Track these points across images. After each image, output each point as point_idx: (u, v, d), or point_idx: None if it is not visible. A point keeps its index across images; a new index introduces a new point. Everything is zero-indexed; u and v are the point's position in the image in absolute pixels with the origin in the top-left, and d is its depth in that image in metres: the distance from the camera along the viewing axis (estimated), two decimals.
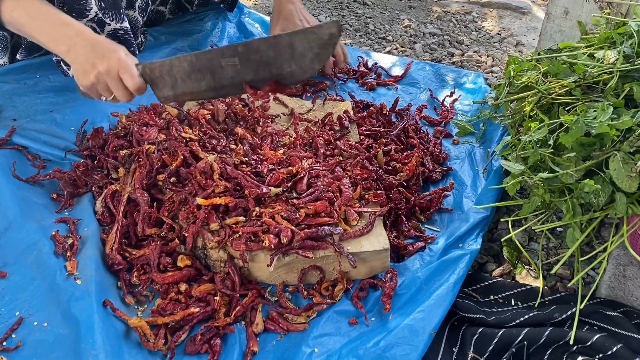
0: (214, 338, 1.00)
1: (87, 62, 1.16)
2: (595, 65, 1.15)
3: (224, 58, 1.12)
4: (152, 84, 1.19)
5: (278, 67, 1.11)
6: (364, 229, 1.10)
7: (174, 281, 1.06)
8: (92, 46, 1.17)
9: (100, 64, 1.15)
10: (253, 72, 1.13)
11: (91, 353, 0.93)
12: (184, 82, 1.17)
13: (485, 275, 1.19)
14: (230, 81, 1.15)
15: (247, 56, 1.11)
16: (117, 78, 1.16)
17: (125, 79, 1.15)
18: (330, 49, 1.06)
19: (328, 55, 1.08)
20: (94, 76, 1.16)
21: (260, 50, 1.10)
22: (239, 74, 1.13)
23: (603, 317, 1.05)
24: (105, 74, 1.15)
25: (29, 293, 1.04)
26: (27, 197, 1.21)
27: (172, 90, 1.19)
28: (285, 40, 1.07)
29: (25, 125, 1.37)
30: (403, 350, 0.97)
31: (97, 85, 1.18)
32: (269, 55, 1.10)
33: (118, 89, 1.17)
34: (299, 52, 1.07)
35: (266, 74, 1.12)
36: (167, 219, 1.12)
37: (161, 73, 1.17)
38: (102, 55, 1.15)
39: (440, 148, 1.47)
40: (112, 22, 1.35)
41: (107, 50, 1.16)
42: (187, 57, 1.15)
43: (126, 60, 1.15)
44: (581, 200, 1.06)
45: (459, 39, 2.13)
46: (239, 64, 1.12)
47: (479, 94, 1.66)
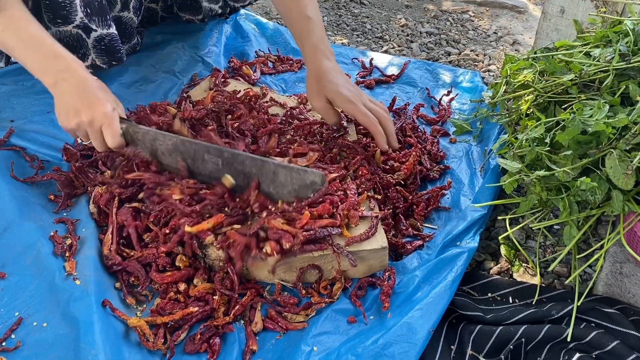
0: (213, 337, 1.00)
1: (71, 106, 1.12)
2: (591, 64, 1.16)
3: (209, 154, 1.13)
4: (131, 142, 1.19)
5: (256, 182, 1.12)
6: (369, 232, 1.10)
7: (173, 281, 1.07)
8: (81, 89, 1.13)
9: (84, 113, 1.11)
10: (232, 176, 1.13)
11: (91, 353, 0.93)
12: (163, 155, 1.18)
13: (483, 273, 1.20)
14: (207, 173, 1.16)
15: (230, 162, 1.12)
16: (98, 131, 1.13)
17: (107, 136, 1.13)
18: (309, 193, 1.08)
19: (307, 196, 1.09)
20: (75, 123, 1.13)
21: (244, 164, 1.11)
22: (219, 171, 1.14)
23: (600, 314, 1.06)
24: (87, 124, 1.12)
25: (28, 293, 1.04)
26: (25, 198, 1.22)
27: (150, 156, 1.19)
28: (270, 167, 1.09)
29: (23, 126, 1.37)
30: (401, 348, 0.97)
31: (76, 131, 1.16)
32: (252, 171, 1.11)
33: (97, 140, 1.15)
34: (280, 182, 1.09)
35: (244, 184, 1.13)
36: (155, 228, 1.12)
37: (143, 139, 1.17)
38: (89, 105, 1.11)
39: (438, 147, 1.47)
40: (98, 28, 1.33)
41: (95, 99, 1.12)
42: (172, 138, 1.15)
43: (112, 117, 1.12)
44: (578, 198, 1.07)
45: (456, 38, 2.13)
46: (221, 165, 1.13)
47: (475, 92, 1.67)
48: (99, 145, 1.16)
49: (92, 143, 1.17)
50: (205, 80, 1.60)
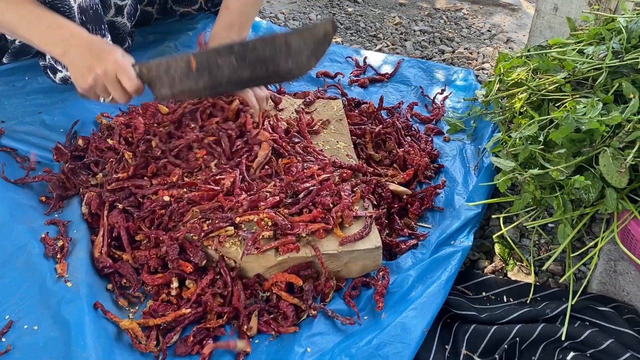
0: (206, 339, 0.99)
1: (83, 64, 1.15)
2: (584, 62, 1.15)
3: (221, 57, 1.13)
4: (149, 83, 1.19)
5: (275, 65, 1.13)
6: (363, 232, 1.09)
7: (165, 282, 1.06)
8: (88, 48, 1.16)
9: (97, 66, 1.14)
10: (250, 70, 1.14)
11: (82, 356, 0.92)
12: (181, 81, 1.17)
13: (477, 272, 1.20)
14: (227, 79, 1.16)
15: (243, 55, 1.12)
16: (114, 80, 1.15)
17: (123, 81, 1.14)
18: (326, 46, 1.09)
19: (324, 52, 1.11)
20: (91, 79, 1.15)
21: (256, 49, 1.11)
22: (236, 72, 1.15)
23: (594, 313, 1.06)
24: (102, 76, 1.14)
25: (18, 296, 1.03)
26: (16, 199, 1.20)
27: (170, 89, 1.19)
28: (281, 39, 1.10)
29: (14, 127, 1.36)
30: (395, 348, 0.97)
31: (95, 88, 1.17)
32: (266, 53, 1.11)
33: (116, 90, 1.16)
34: (295, 49, 1.10)
35: (263, 71, 1.14)
36: (146, 230, 1.12)
37: (158, 73, 1.17)
38: (99, 57, 1.14)
39: (432, 145, 1.47)
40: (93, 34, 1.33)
41: (103, 51, 1.15)
42: (184, 57, 1.15)
43: (123, 62, 1.14)
44: (572, 196, 1.07)
45: (450, 36, 2.13)
46: (236, 62, 1.14)
47: (469, 91, 1.67)
48: (120, 95, 1.17)
49: (113, 95, 1.17)
50: None
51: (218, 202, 1.12)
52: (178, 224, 1.10)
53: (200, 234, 1.07)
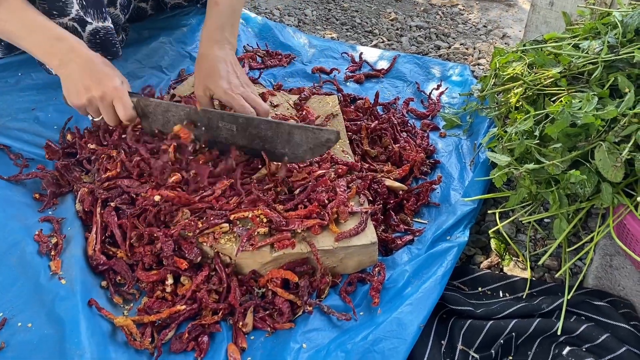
0: (201, 335, 0.99)
1: (81, 83, 1.15)
2: (580, 56, 1.15)
3: (223, 121, 1.16)
4: (142, 116, 1.20)
5: (272, 145, 1.16)
6: (358, 228, 1.09)
7: (159, 279, 1.05)
8: (88, 67, 1.15)
9: (95, 89, 1.14)
10: (247, 141, 1.17)
11: (76, 353, 0.91)
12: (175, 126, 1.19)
13: (473, 267, 1.19)
14: (223, 140, 1.19)
15: (245, 127, 1.15)
16: (110, 105, 1.16)
17: (119, 109, 1.15)
18: (324, 150, 1.15)
19: (322, 153, 1.16)
20: (86, 99, 1.15)
21: (259, 128, 1.15)
22: (233, 137, 1.17)
23: (590, 307, 1.06)
24: (98, 100, 1.15)
25: (12, 293, 1.02)
26: (9, 197, 1.19)
27: (162, 128, 1.21)
28: (285, 129, 1.14)
29: (7, 124, 1.35)
30: (391, 343, 0.97)
31: (88, 107, 1.18)
32: (267, 134, 1.15)
33: (109, 115, 1.17)
34: (296, 141, 1.14)
35: (259, 147, 1.17)
36: (141, 227, 1.11)
37: (155, 111, 1.19)
38: (99, 81, 1.14)
39: (428, 141, 1.46)
40: (93, 21, 1.32)
41: (103, 75, 1.15)
42: (185, 108, 1.18)
43: (122, 90, 1.15)
44: (567, 191, 1.07)
45: (445, 31, 2.13)
46: (236, 131, 1.16)
47: (465, 86, 1.66)
48: (111, 119, 1.18)
49: (104, 118, 1.18)
50: (192, 76, 1.58)
51: (208, 202, 1.11)
52: (168, 223, 1.10)
53: (195, 231, 1.06)
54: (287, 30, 1.92)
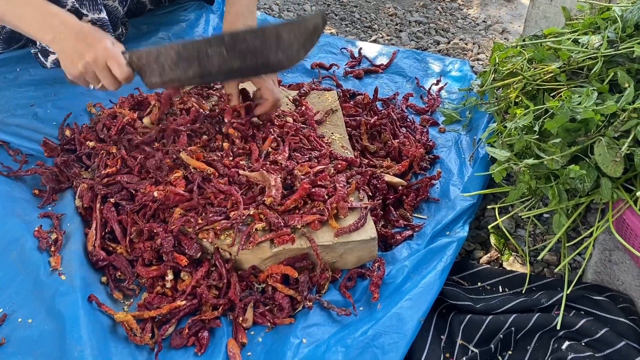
0: (201, 331, 0.99)
1: (74, 51, 1.14)
2: (579, 51, 1.15)
3: (211, 47, 1.13)
4: (139, 71, 1.18)
5: (265, 56, 1.13)
6: (358, 223, 1.09)
7: (159, 275, 1.05)
8: (78, 35, 1.15)
9: (87, 53, 1.13)
10: (240, 60, 1.14)
11: (77, 349, 0.92)
12: (171, 70, 1.17)
13: (473, 262, 1.20)
14: (217, 69, 1.16)
15: (234, 45, 1.12)
16: (104, 67, 1.14)
17: (113, 68, 1.14)
18: (316, 39, 1.11)
19: (313, 45, 1.12)
20: (81, 66, 1.14)
21: (247, 40, 1.11)
22: (226, 62, 1.14)
23: (589, 302, 1.06)
24: (92, 63, 1.14)
25: (12, 289, 1.02)
26: (9, 193, 1.19)
27: (160, 78, 1.19)
28: (271, 31, 1.10)
29: (5, 120, 1.34)
30: (391, 338, 0.97)
31: (85, 75, 1.17)
32: (256, 44, 1.11)
33: (106, 78, 1.16)
34: (285, 42, 1.10)
35: (253, 62, 1.14)
36: (141, 223, 1.11)
37: (148, 61, 1.17)
38: (89, 45, 1.13)
39: (427, 136, 1.46)
40: (89, 12, 1.32)
41: (93, 39, 1.14)
42: (174, 46, 1.15)
43: (113, 49, 1.14)
44: (567, 186, 1.07)
45: (445, 27, 2.12)
46: (226, 53, 1.13)
47: (465, 81, 1.66)
48: (110, 82, 1.17)
49: (103, 82, 1.17)
50: None
51: (207, 199, 1.11)
52: (167, 219, 1.10)
53: (194, 227, 1.06)
54: None
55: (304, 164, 1.20)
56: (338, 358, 0.94)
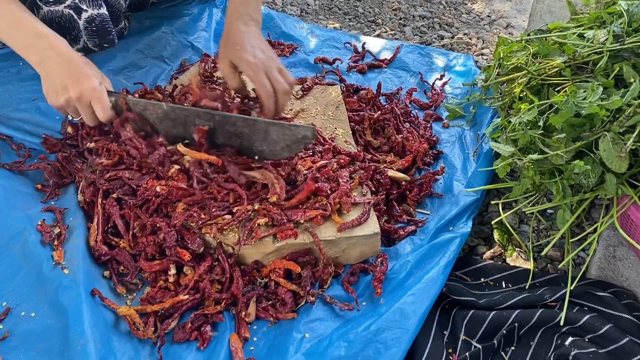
0: (204, 325, 0.99)
1: (59, 82, 1.12)
2: (585, 45, 1.14)
3: (199, 119, 1.14)
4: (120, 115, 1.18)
5: (250, 143, 1.14)
6: (361, 218, 1.09)
7: (162, 269, 1.05)
8: (67, 66, 1.13)
9: (72, 89, 1.12)
10: (224, 138, 1.15)
11: (80, 342, 0.92)
12: (154, 125, 1.18)
13: (476, 258, 1.19)
14: None
15: (222, 125, 1.13)
16: (88, 106, 1.13)
17: (97, 110, 1.13)
18: (302, 146, 1.13)
19: (299, 150, 1.15)
20: (64, 99, 1.13)
21: (236, 125, 1.12)
22: (210, 136, 1.15)
23: (593, 298, 1.05)
24: (76, 100, 1.12)
25: (15, 283, 1.03)
26: (12, 186, 1.19)
27: (142, 127, 1.19)
28: (262, 126, 1.11)
29: (9, 114, 1.34)
30: (394, 334, 0.97)
31: (66, 108, 1.16)
32: (244, 131, 1.13)
33: (87, 115, 1.15)
34: (272, 139, 1.12)
35: (237, 144, 1.15)
36: (144, 217, 1.11)
37: (133, 110, 1.17)
38: (77, 80, 1.12)
39: (431, 132, 1.46)
40: (89, 8, 1.31)
41: (81, 75, 1.12)
42: (162, 107, 1.15)
43: (100, 91, 1.12)
44: (571, 181, 1.06)
45: (449, 21, 2.11)
46: (213, 129, 1.14)
47: (469, 76, 1.65)
48: (90, 119, 1.16)
49: (84, 118, 1.16)
50: (194, 66, 1.57)
51: (210, 194, 1.11)
52: (170, 213, 1.10)
53: (197, 222, 1.06)
54: (290, 20, 1.91)
55: (306, 159, 1.20)
56: (340, 353, 0.94)
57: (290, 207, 1.09)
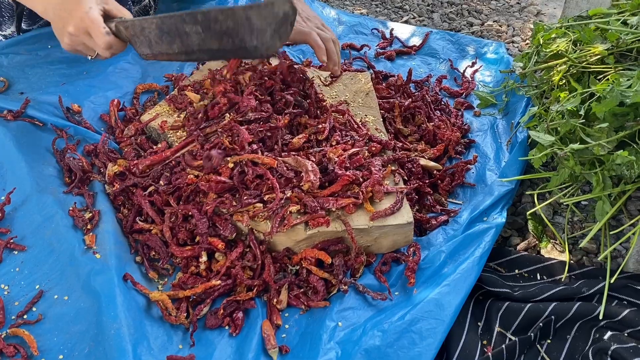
0: (236, 312, 0.98)
1: (59, 21, 1.08)
2: (629, 32, 1.10)
3: (187, 25, 1.09)
4: (131, 41, 1.14)
5: (240, 39, 1.07)
6: (394, 207, 1.07)
7: (193, 255, 1.04)
8: (61, 2, 1.07)
9: (69, 25, 1.07)
10: (217, 41, 1.09)
11: (113, 327, 0.92)
12: (157, 44, 1.13)
13: (510, 249, 1.17)
14: (197, 47, 1.11)
15: (207, 25, 1.08)
16: (88, 36, 1.08)
17: (95, 39, 1.07)
18: (289, 27, 1.03)
19: (288, 33, 1.05)
20: (67, 40, 1.09)
21: (219, 21, 1.06)
22: (204, 41, 1.10)
23: (633, 292, 1.03)
24: (75, 34, 1.07)
25: (48, 266, 1.03)
26: (41, 170, 1.19)
27: (150, 49, 1.15)
28: (241, 14, 1.04)
29: (37, 97, 1.34)
30: (429, 324, 0.95)
31: (75, 46, 1.11)
32: (229, 26, 1.06)
33: (91, 47, 1.10)
34: (257, 27, 1.04)
35: (230, 45, 1.09)
36: (174, 205, 1.10)
37: (135, 32, 1.13)
38: (69, 14, 1.06)
39: (462, 120, 1.43)
40: None
41: (72, 5, 1.06)
42: (154, 20, 1.11)
43: (91, 16, 1.05)
44: (612, 172, 1.03)
45: (478, 8, 2.07)
46: (202, 32, 1.09)
47: (500, 64, 1.61)
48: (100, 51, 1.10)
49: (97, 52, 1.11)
50: None
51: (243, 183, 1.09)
52: (201, 200, 1.09)
53: (229, 209, 1.05)
54: (316, 4, 1.88)
55: (337, 147, 1.18)
56: (375, 342, 0.93)
57: (323, 195, 1.08)
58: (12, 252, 1.05)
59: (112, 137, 1.30)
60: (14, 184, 1.14)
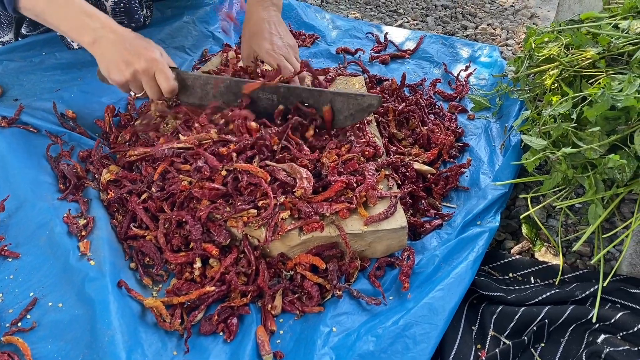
0: (230, 318, 0.99)
1: (121, 59, 1.14)
2: (620, 36, 1.11)
3: (264, 92, 1.17)
4: (180, 89, 1.21)
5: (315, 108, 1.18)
6: (388, 212, 1.07)
7: (188, 261, 1.05)
8: (123, 41, 1.15)
9: (136, 62, 1.13)
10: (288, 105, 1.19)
11: (107, 333, 0.92)
12: (214, 97, 1.21)
13: (504, 252, 1.17)
14: (263, 110, 1.19)
15: (287, 96, 1.17)
16: (152, 78, 1.15)
17: (161, 81, 1.15)
18: (366, 114, 1.17)
19: (362, 118, 1.19)
20: (129, 74, 1.14)
21: (301, 97, 1.16)
22: (273, 107, 1.19)
23: (626, 295, 1.03)
24: (141, 73, 1.14)
25: (42, 273, 1.03)
26: (37, 177, 1.19)
27: (199, 101, 1.22)
28: (327, 96, 1.15)
29: (32, 104, 1.34)
30: (423, 329, 0.95)
31: (131, 83, 1.17)
32: (309, 102, 1.17)
33: (151, 88, 1.17)
34: (337, 108, 1.16)
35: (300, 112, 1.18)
36: (168, 211, 1.10)
37: (194, 84, 1.20)
38: (139, 55, 1.14)
39: (456, 124, 1.43)
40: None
41: (142, 48, 1.15)
42: (225, 80, 1.18)
43: (163, 62, 1.15)
44: (604, 175, 1.04)
45: (472, 11, 2.07)
46: (277, 100, 1.18)
47: (494, 67, 1.62)
48: (154, 92, 1.18)
49: (147, 92, 1.18)
50: (216, 56, 1.56)
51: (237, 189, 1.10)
52: (195, 206, 1.09)
53: (222, 214, 1.05)
54: (311, 9, 1.89)
55: (331, 152, 1.18)
56: (369, 347, 0.93)
57: (316, 201, 1.08)
58: (6, 259, 1.05)
59: (106, 142, 1.30)
60: (7, 190, 1.14)
